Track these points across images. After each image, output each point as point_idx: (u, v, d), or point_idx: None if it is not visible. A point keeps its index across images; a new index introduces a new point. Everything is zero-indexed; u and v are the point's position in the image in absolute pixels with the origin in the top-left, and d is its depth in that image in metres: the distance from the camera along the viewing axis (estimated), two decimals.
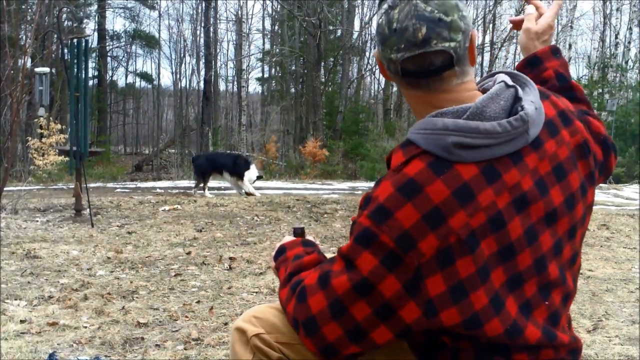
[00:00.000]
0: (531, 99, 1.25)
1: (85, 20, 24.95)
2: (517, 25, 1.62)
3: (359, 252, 1.19)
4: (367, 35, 25.49)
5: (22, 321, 3.32)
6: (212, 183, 11.37)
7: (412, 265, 1.15)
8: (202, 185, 10.34)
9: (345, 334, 1.23)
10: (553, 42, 1.55)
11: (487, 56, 23.71)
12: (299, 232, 1.63)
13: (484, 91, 1.28)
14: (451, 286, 1.16)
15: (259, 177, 10.85)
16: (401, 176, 1.18)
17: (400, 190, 1.16)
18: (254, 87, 35.98)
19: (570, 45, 22.07)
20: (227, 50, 32.90)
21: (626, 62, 22.18)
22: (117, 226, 6.65)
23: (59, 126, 12.24)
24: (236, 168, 10.22)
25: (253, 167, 10.56)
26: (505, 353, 1.24)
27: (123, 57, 31.63)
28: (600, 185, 13.85)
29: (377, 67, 27.89)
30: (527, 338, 1.22)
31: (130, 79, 33.09)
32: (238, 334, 1.42)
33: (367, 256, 1.18)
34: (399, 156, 1.22)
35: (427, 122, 1.21)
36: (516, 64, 1.63)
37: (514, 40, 25.60)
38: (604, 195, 11.83)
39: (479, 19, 23.77)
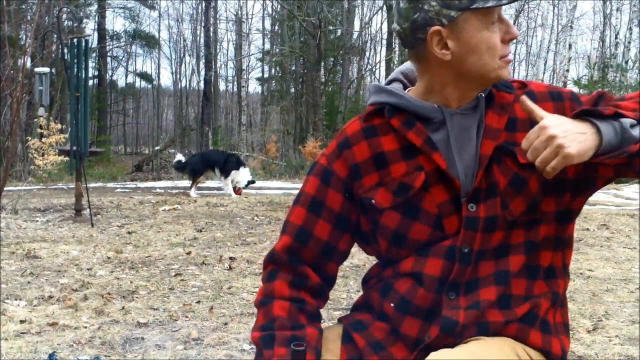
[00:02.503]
0: None
1: (85, 20, 24.96)
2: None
3: None
4: (367, 35, 25.52)
5: (22, 321, 3.32)
6: (212, 183, 11.34)
7: None
8: (194, 183, 10.14)
9: None
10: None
11: None
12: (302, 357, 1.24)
13: None
14: None
15: (250, 182, 10.27)
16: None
17: None
18: (254, 87, 36.00)
19: (570, 45, 22.06)
20: (227, 50, 32.84)
21: (626, 62, 22.16)
22: (117, 226, 6.65)
23: (59, 126, 12.23)
24: (226, 166, 10.03)
25: (245, 170, 10.12)
26: None
27: (123, 57, 31.62)
28: None
29: (377, 67, 27.87)
30: None
31: (130, 79, 33.08)
32: None
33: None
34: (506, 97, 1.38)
35: None
36: (516, 63, 1.66)
37: (514, 40, 25.60)
38: (604, 195, 11.82)
39: None
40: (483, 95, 1.31)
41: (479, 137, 1.29)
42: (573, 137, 1.10)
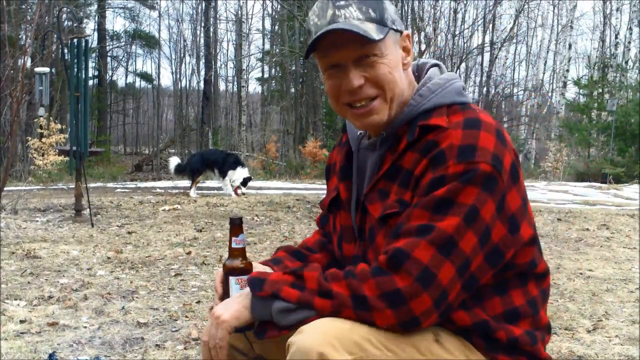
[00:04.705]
0: None
1: (85, 20, 24.98)
2: None
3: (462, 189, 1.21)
4: None
5: (22, 321, 3.32)
6: (212, 183, 11.33)
7: (502, 184, 1.21)
8: (194, 183, 10.09)
9: (461, 285, 1.21)
10: None
11: (487, 56, 23.72)
12: (237, 223, 1.52)
13: None
14: (522, 199, 1.25)
15: (246, 180, 10.03)
16: (473, 121, 1.25)
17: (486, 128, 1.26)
18: (254, 87, 35.99)
19: (570, 45, 22.08)
20: (227, 50, 32.88)
21: (626, 62, 22.17)
22: (117, 226, 6.65)
23: (59, 126, 12.26)
24: (224, 166, 10.00)
25: (242, 169, 9.94)
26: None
27: (123, 57, 31.68)
28: (600, 185, 13.84)
29: None
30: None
31: (130, 79, 33.15)
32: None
33: (470, 189, 1.19)
34: (443, 120, 1.26)
35: (431, 87, 1.31)
36: (516, 63, 1.70)
37: (514, 40, 25.63)
38: (604, 195, 11.82)
39: (479, 19, 23.77)
40: (384, 134, 1.34)
41: (372, 175, 1.37)
42: (227, 306, 1.32)
